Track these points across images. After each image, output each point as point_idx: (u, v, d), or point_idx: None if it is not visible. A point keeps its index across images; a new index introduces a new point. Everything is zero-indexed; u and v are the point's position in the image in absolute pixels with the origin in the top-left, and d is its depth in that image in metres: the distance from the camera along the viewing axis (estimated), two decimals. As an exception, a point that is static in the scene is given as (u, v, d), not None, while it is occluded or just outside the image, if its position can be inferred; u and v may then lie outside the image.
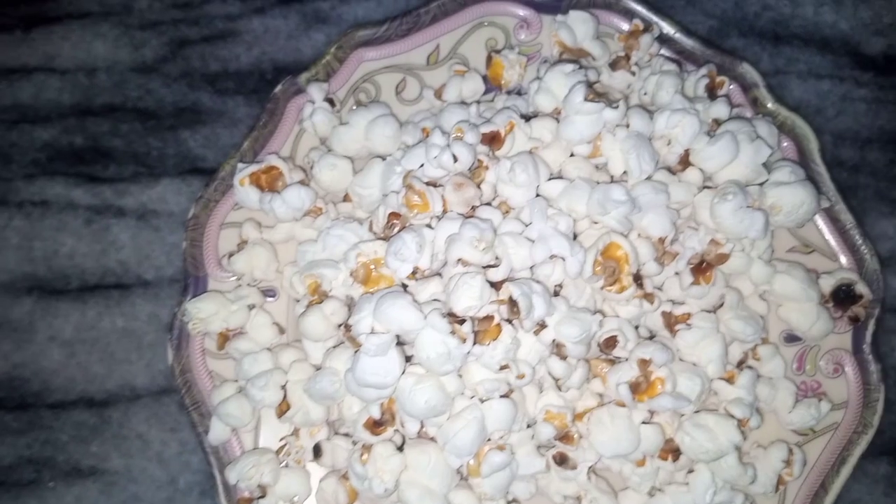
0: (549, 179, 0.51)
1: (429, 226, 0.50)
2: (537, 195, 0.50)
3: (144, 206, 0.62)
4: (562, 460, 0.52)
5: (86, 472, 0.59)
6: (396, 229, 0.50)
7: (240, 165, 0.55)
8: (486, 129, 0.52)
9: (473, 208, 0.50)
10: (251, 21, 0.64)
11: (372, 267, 0.50)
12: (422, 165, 0.50)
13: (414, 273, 0.49)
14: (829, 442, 0.55)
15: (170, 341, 0.55)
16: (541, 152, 0.52)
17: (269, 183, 0.54)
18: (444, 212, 0.50)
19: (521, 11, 0.58)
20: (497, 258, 0.48)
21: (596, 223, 0.50)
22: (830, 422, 0.55)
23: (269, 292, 0.57)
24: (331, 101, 0.57)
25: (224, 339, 0.55)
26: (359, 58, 0.58)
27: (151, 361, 0.60)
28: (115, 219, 0.62)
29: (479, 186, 0.51)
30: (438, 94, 0.57)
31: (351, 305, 0.52)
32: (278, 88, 0.57)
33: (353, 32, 0.57)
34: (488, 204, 0.51)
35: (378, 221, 0.52)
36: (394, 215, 0.51)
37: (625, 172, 0.51)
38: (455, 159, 0.49)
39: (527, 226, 0.49)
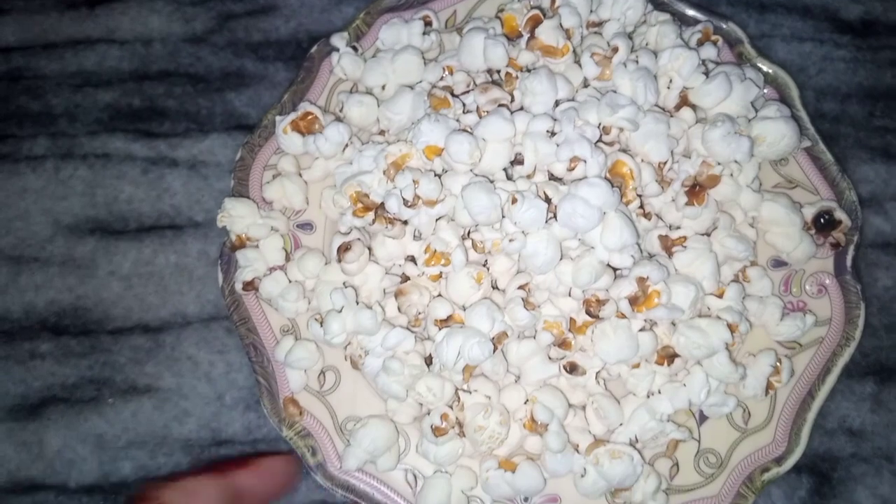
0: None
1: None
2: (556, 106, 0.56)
3: (195, 158, 0.68)
4: (572, 368, 0.57)
5: (141, 390, 0.64)
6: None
7: (279, 117, 0.60)
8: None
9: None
10: (289, -3, 0.71)
11: (401, 163, 0.56)
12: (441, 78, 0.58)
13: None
14: (815, 354, 0.59)
15: (220, 265, 0.60)
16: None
17: (307, 127, 0.60)
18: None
19: (528, -22, 0.63)
20: (520, 154, 0.54)
21: (606, 142, 0.56)
22: (816, 336, 0.60)
23: (306, 226, 0.61)
24: (354, 48, 0.62)
25: (241, 241, 0.60)
26: (384, 22, 0.63)
27: (201, 292, 0.66)
28: (169, 169, 0.68)
29: (511, 94, 0.57)
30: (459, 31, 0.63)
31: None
32: (314, 49, 0.63)
33: (379, 1, 0.64)
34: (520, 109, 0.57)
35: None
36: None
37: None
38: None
39: (548, 130, 0.54)
